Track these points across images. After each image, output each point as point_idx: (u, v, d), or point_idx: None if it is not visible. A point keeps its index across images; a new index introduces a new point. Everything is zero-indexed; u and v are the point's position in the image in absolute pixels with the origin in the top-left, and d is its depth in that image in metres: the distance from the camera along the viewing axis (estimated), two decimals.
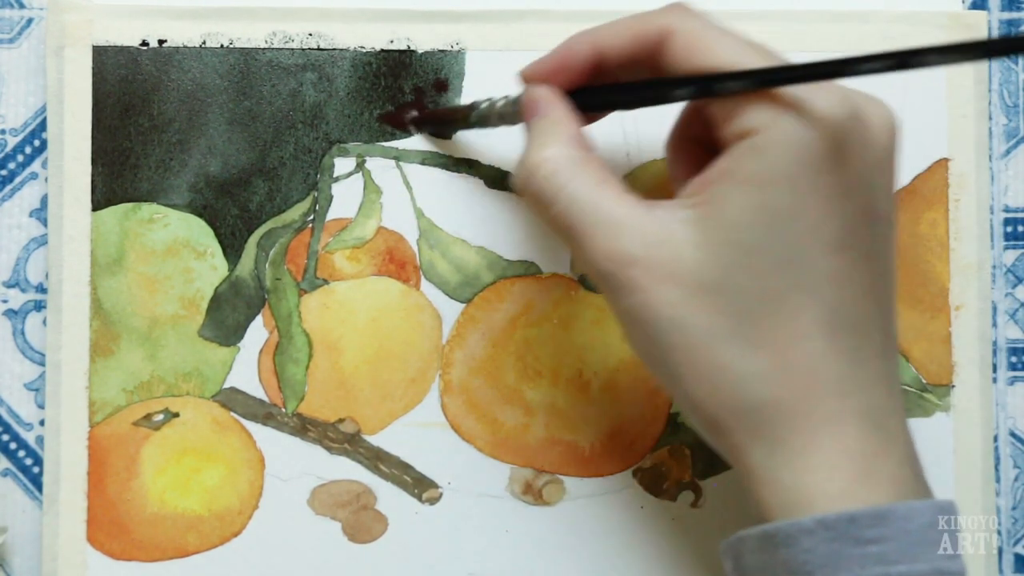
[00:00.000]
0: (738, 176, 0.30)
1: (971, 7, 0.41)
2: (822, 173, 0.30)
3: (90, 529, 0.39)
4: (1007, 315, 0.41)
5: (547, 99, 0.34)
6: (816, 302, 0.30)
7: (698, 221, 0.30)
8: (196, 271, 0.40)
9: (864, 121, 0.30)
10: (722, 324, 0.30)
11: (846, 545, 0.29)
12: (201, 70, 0.40)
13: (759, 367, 0.30)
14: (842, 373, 0.30)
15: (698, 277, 0.30)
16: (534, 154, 0.33)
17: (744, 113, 0.30)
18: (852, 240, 0.30)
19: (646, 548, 0.40)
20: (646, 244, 0.31)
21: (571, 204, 0.32)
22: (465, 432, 0.40)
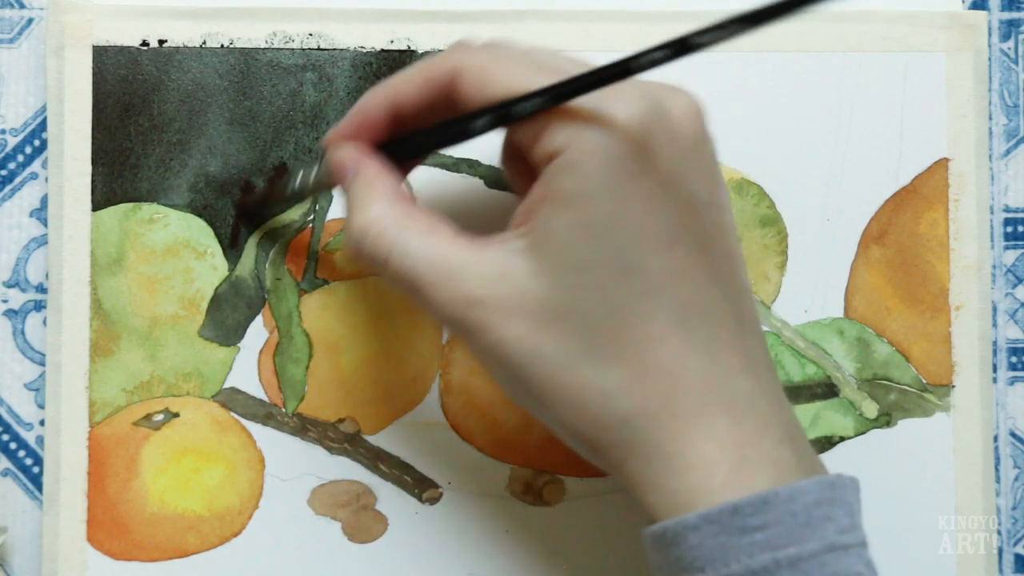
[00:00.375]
0: (555, 197, 0.30)
1: (971, 7, 0.41)
2: (634, 175, 0.30)
3: (90, 529, 0.39)
4: (1007, 315, 0.41)
5: (355, 158, 0.34)
6: (660, 303, 0.30)
7: (529, 249, 0.31)
8: (196, 271, 0.40)
9: (666, 114, 0.30)
10: (575, 346, 0.30)
11: (732, 536, 0.29)
12: (201, 70, 0.40)
13: (618, 380, 0.30)
14: (701, 366, 0.31)
15: (542, 305, 0.30)
16: (357, 218, 0.33)
17: (547, 134, 0.30)
18: (681, 234, 0.30)
19: None
20: (485, 283, 0.31)
21: (404, 259, 0.32)
22: (465, 432, 0.40)
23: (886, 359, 0.40)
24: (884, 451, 0.40)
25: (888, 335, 0.40)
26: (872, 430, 0.40)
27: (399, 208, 0.32)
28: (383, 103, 0.33)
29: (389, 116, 0.33)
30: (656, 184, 0.30)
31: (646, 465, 0.31)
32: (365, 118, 0.34)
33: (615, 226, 0.30)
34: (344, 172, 0.34)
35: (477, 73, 0.31)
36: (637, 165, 0.30)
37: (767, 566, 0.29)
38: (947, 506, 0.40)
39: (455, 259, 0.31)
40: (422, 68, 0.33)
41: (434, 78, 0.32)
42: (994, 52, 0.41)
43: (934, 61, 0.41)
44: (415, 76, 0.33)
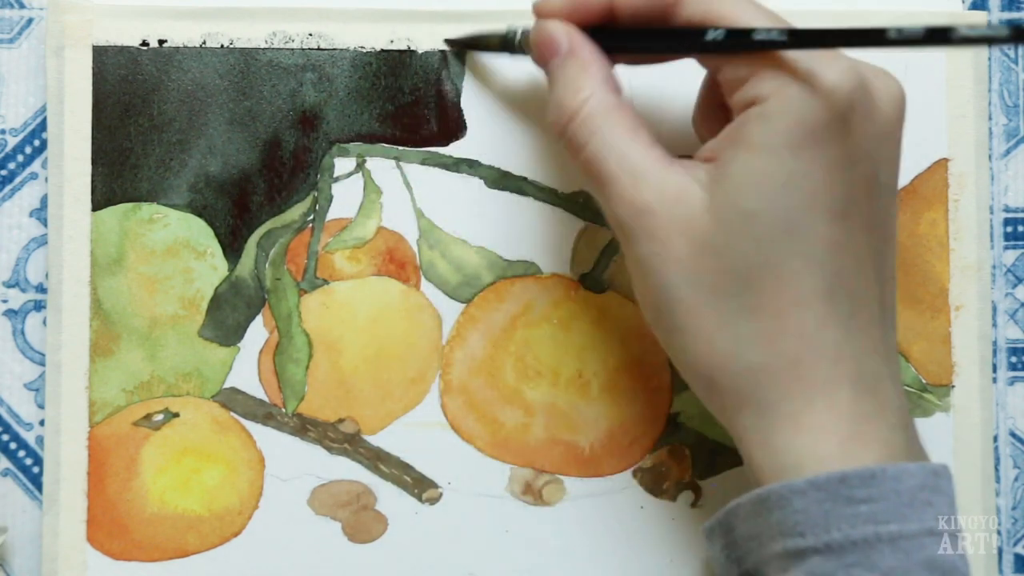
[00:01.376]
0: (744, 143, 0.31)
1: (971, 7, 0.41)
2: (826, 142, 0.30)
3: (90, 529, 0.39)
4: (1007, 315, 0.41)
5: (568, 36, 0.34)
6: (814, 269, 0.31)
7: (708, 184, 0.31)
8: (196, 271, 0.40)
9: (870, 93, 0.31)
10: (724, 285, 0.31)
11: (837, 505, 0.29)
12: (201, 70, 0.40)
13: (755, 331, 0.31)
14: (837, 339, 0.31)
15: (705, 237, 0.31)
16: (571, 97, 0.33)
17: (752, 81, 0.31)
18: (853, 209, 0.31)
19: (646, 548, 0.40)
20: (664, 198, 0.31)
21: (601, 149, 0.32)
22: (465, 432, 0.40)
23: None
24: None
25: None
26: None
27: (610, 98, 0.33)
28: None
29: (604, 8, 0.34)
30: (843, 156, 0.30)
31: (760, 418, 0.31)
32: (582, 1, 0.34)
33: (792, 186, 0.30)
34: (555, 49, 0.34)
35: (700, 4, 0.32)
36: (830, 133, 0.30)
37: (868, 538, 0.29)
38: None
39: (645, 167, 0.32)
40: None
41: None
42: (994, 52, 0.41)
43: (934, 61, 0.41)
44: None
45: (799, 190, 0.30)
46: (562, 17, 0.34)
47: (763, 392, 0.31)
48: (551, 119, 0.34)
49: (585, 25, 0.34)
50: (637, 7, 0.33)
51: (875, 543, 0.29)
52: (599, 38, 0.34)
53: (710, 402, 0.33)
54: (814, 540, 0.30)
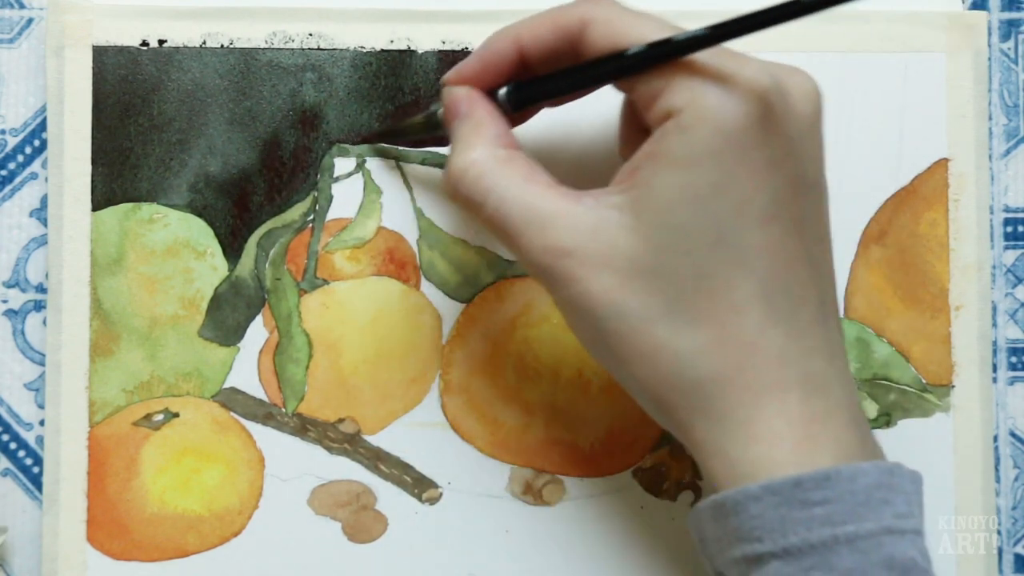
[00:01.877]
0: (664, 157, 0.30)
1: (971, 7, 0.41)
2: (747, 147, 0.30)
3: (90, 529, 0.39)
4: (1007, 315, 0.41)
5: (467, 99, 0.34)
6: (750, 275, 0.31)
7: (628, 205, 0.31)
8: (196, 271, 0.40)
9: (785, 92, 0.31)
10: (659, 305, 0.31)
11: (793, 509, 0.29)
12: (201, 70, 0.40)
13: (698, 344, 0.31)
14: (781, 342, 0.31)
15: (632, 262, 0.31)
16: (459, 158, 0.33)
17: (665, 95, 0.30)
18: (782, 211, 0.31)
19: (646, 548, 0.40)
20: (578, 234, 0.31)
21: (501, 204, 0.32)
22: (465, 432, 0.40)
23: (886, 359, 0.40)
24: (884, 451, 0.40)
25: (888, 335, 0.40)
26: (872, 430, 0.40)
27: (500, 152, 0.33)
28: (511, 46, 0.34)
29: (514, 60, 0.34)
30: (766, 159, 0.30)
31: (713, 431, 0.31)
32: (490, 58, 0.34)
33: (718, 195, 0.30)
34: (456, 112, 0.34)
35: (606, 24, 0.31)
36: (750, 138, 0.30)
37: (825, 541, 0.29)
38: (947, 506, 0.40)
39: (549, 208, 0.32)
40: (551, 14, 0.33)
41: (563, 25, 0.32)
42: (994, 52, 0.41)
43: (934, 61, 0.41)
44: (544, 21, 0.33)
45: (725, 198, 0.30)
46: (472, 80, 0.34)
47: (712, 403, 0.31)
48: (443, 182, 0.34)
49: (498, 83, 0.34)
50: (544, 45, 0.33)
51: (832, 545, 0.29)
52: (524, 91, 0.34)
53: (663, 419, 0.33)
54: (772, 545, 0.30)
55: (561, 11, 0.33)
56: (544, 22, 0.33)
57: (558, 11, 0.33)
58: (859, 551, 0.29)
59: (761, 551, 0.30)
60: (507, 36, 0.34)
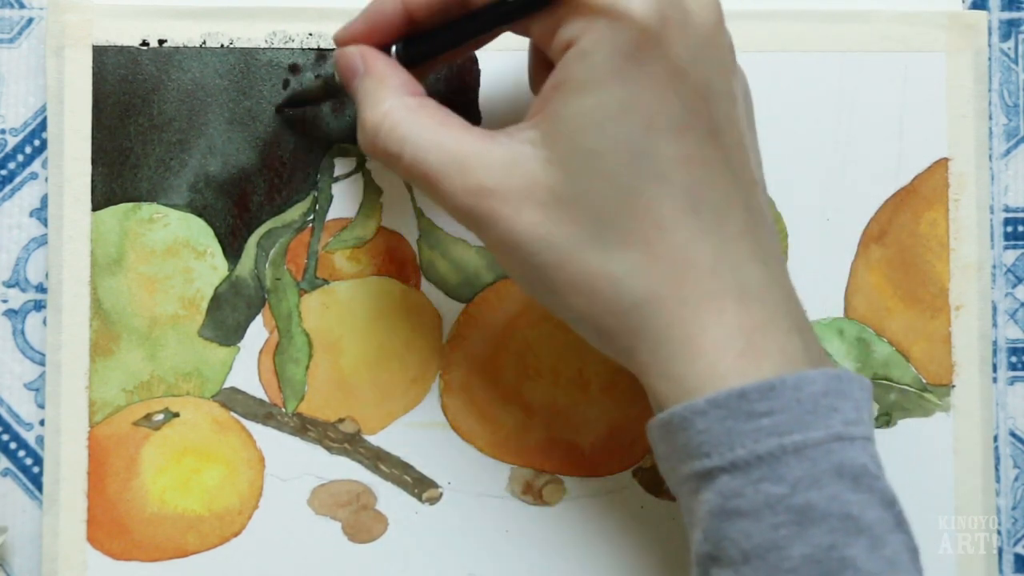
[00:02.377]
0: (569, 84, 0.30)
1: (971, 7, 0.41)
2: (646, 62, 0.30)
3: (90, 529, 0.39)
4: (1007, 315, 0.41)
5: (364, 56, 0.34)
6: (671, 189, 0.30)
7: (541, 138, 0.31)
8: (196, 271, 0.40)
9: (680, 2, 0.30)
10: (585, 233, 0.31)
11: (739, 421, 0.29)
12: (201, 70, 0.40)
13: (629, 265, 0.31)
14: (711, 253, 0.31)
15: (553, 192, 0.31)
16: (370, 113, 0.33)
17: (562, 28, 0.30)
18: (692, 120, 0.31)
19: (646, 548, 0.40)
20: (496, 172, 0.31)
21: (416, 151, 0.32)
22: (465, 432, 0.40)
23: (886, 359, 0.40)
24: (884, 451, 0.40)
25: (888, 335, 0.40)
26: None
27: (409, 101, 0.33)
28: (396, 3, 0.33)
29: (401, 16, 0.34)
30: (668, 71, 0.30)
31: (655, 351, 0.31)
32: (377, 17, 0.34)
33: (625, 112, 0.30)
34: (354, 70, 0.34)
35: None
36: (648, 52, 0.30)
37: (773, 451, 0.29)
38: (947, 506, 0.40)
39: (466, 150, 0.32)
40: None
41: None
42: (994, 52, 0.41)
43: (934, 61, 0.41)
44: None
45: (634, 115, 0.30)
46: (361, 41, 0.34)
47: (652, 323, 0.31)
48: (359, 139, 0.34)
49: (388, 41, 0.34)
50: (431, 5, 0.33)
51: (780, 455, 0.29)
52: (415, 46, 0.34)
53: (605, 347, 0.32)
54: (719, 459, 0.29)
55: None
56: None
57: None
58: (808, 459, 0.29)
59: (709, 466, 0.30)
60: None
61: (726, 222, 0.31)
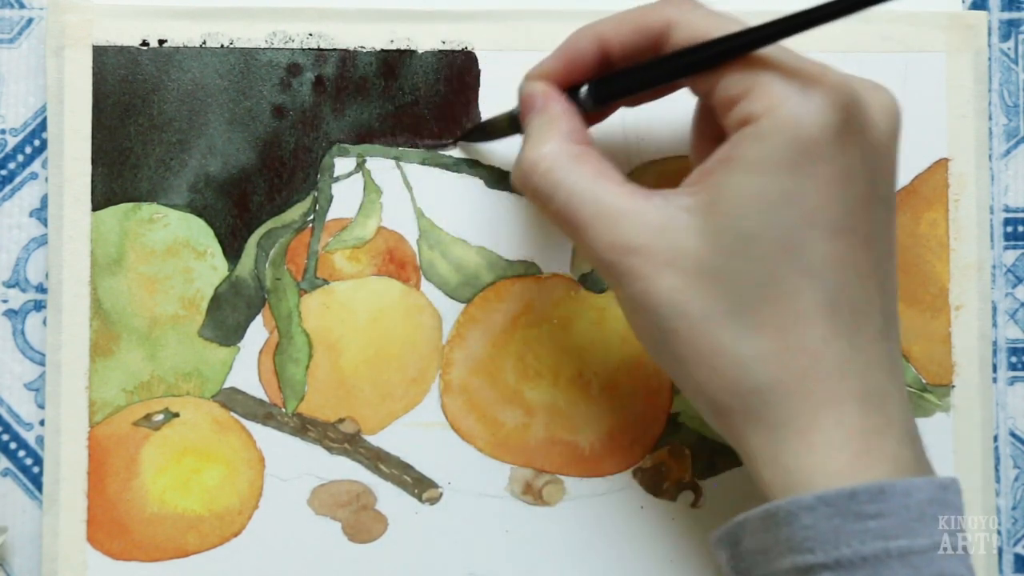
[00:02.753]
0: (738, 163, 0.30)
1: (971, 7, 0.41)
2: (822, 159, 0.30)
3: (90, 529, 0.39)
4: (1007, 315, 0.41)
5: (543, 95, 0.34)
6: (816, 286, 0.30)
7: (698, 208, 0.31)
8: (196, 271, 0.40)
9: (864, 107, 0.31)
10: (722, 308, 0.31)
11: (847, 521, 0.29)
12: (201, 70, 0.40)
13: (759, 350, 0.31)
14: (842, 355, 0.31)
15: (698, 263, 0.31)
16: (531, 151, 0.33)
17: (744, 101, 0.30)
18: (852, 224, 0.31)
19: (646, 548, 0.40)
20: (645, 232, 0.31)
21: (570, 198, 0.32)
22: (465, 432, 0.40)
23: None
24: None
25: None
26: None
27: (573, 148, 0.33)
28: (593, 43, 0.34)
29: (596, 58, 0.34)
30: (838, 173, 0.30)
31: (768, 438, 0.31)
32: (572, 55, 0.34)
33: (790, 203, 0.30)
34: (531, 106, 0.34)
35: (690, 26, 0.32)
36: (825, 150, 0.30)
37: (878, 554, 0.29)
38: None
39: (618, 205, 0.32)
40: (634, 15, 0.33)
41: (647, 25, 0.33)
42: (994, 52, 0.41)
43: (934, 61, 0.41)
44: (627, 21, 0.33)
45: (797, 208, 0.30)
46: (553, 77, 0.35)
47: (771, 411, 0.31)
48: (513, 173, 0.34)
49: (579, 80, 0.34)
50: (626, 45, 0.33)
51: (885, 559, 0.29)
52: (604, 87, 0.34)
53: (718, 424, 0.32)
54: (824, 556, 0.29)
55: (645, 12, 0.33)
56: (628, 22, 0.33)
57: (642, 11, 0.33)
58: (911, 566, 0.29)
59: (812, 562, 0.29)
60: (589, 34, 0.34)
61: (863, 326, 0.31)
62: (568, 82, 0.34)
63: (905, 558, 0.29)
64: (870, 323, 0.31)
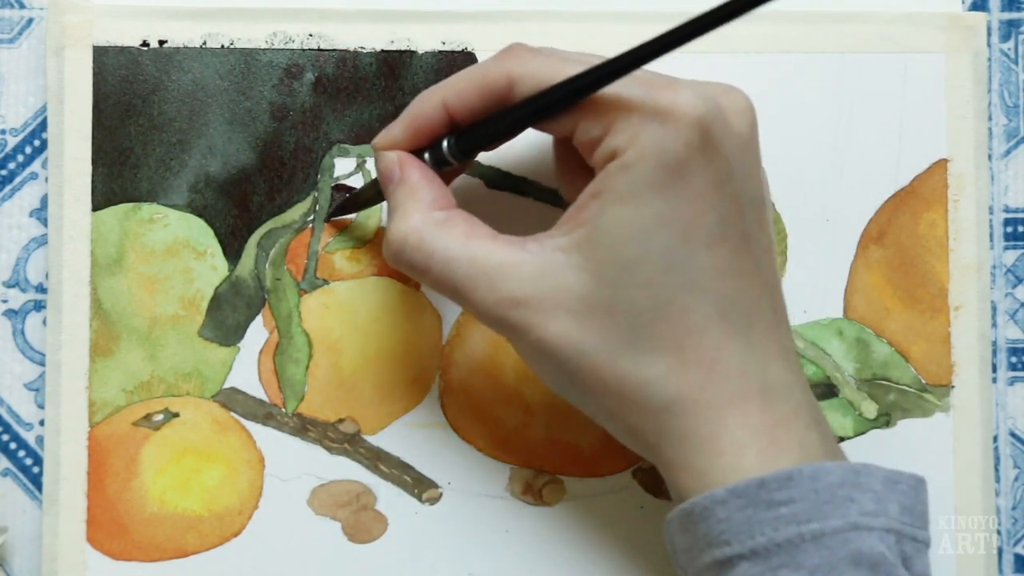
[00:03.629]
0: (609, 195, 0.31)
1: (971, 7, 0.41)
2: (689, 175, 0.30)
3: (90, 529, 0.39)
4: (1007, 315, 0.41)
5: (402, 164, 0.34)
6: (704, 297, 0.31)
7: (575, 246, 0.31)
8: (196, 271, 0.40)
9: (722, 114, 0.31)
10: (616, 339, 0.31)
11: (758, 510, 0.30)
12: (201, 70, 0.40)
13: (659, 370, 0.31)
14: (738, 356, 0.31)
15: (584, 300, 0.31)
16: (398, 227, 0.33)
17: (607, 138, 0.31)
18: (727, 231, 0.31)
19: (646, 548, 0.40)
20: (526, 282, 0.32)
21: (445, 265, 0.32)
22: (465, 432, 0.40)
23: (885, 359, 0.40)
24: (883, 451, 0.40)
25: (887, 335, 0.40)
26: (871, 430, 0.40)
27: (437, 215, 0.33)
28: (438, 108, 0.34)
29: (443, 120, 0.34)
30: (708, 184, 0.31)
31: (679, 448, 0.32)
32: (419, 121, 0.34)
33: (663, 224, 0.30)
34: (390, 177, 0.34)
35: (533, 80, 0.32)
36: (691, 167, 0.30)
37: (791, 539, 0.30)
38: (947, 506, 0.40)
39: (494, 261, 0.32)
40: (476, 74, 0.33)
41: (489, 85, 0.33)
42: (994, 52, 0.41)
43: (933, 62, 0.41)
44: (470, 82, 0.33)
45: (672, 227, 0.30)
46: (402, 145, 0.35)
47: (678, 423, 0.31)
48: (384, 251, 0.34)
49: (429, 143, 0.34)
50: (471, 108, 0.33)
51: (799, 543, 0.30)
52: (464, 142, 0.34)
53: (632, 443, 0.33)
54: (740, 547, 0.30)
55: (485, 71, 0.33)
56: (470, 86, 0.33)
57: (482, 71, 0.33)
58: (826, 547, 0.29)
59: (730, 554, 0.30)
60: (433, 100, 0.34)
61: (754, 324, 0.32)
62: (418, 146, 0.35)
63: (819, 540, 0.30)
64: (760, 320, 0.32)
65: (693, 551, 0.31)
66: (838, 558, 0.29)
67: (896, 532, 0.31)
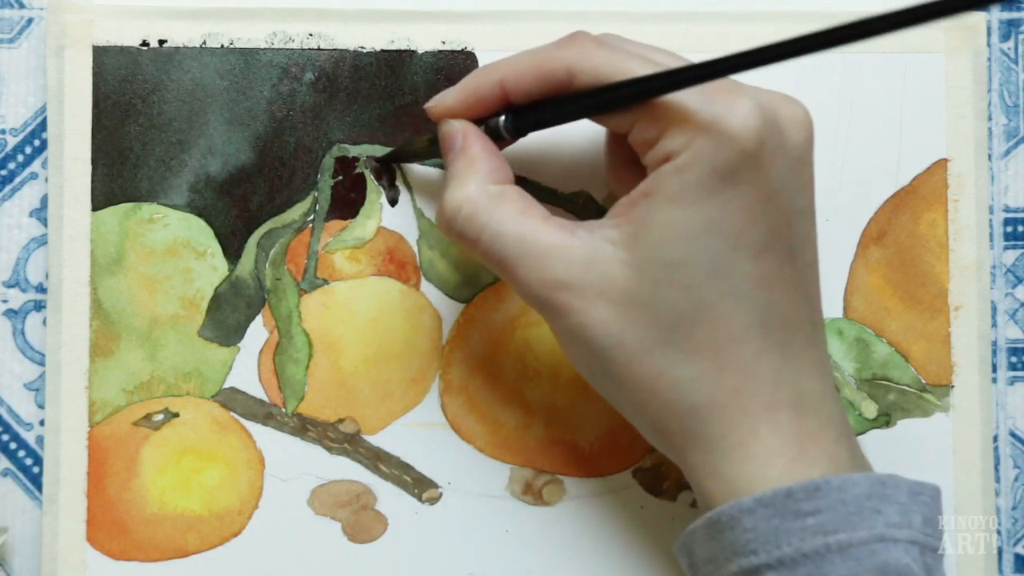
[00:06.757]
0: (660, 196, 0.31)
1: None
2: (741, 184, 0.30)
3: (90, 529, 0.39)
4: (1007, 315, 0.41)
5: (462, 134, 0.35)
6: (745, 306, 0.31)
7: (623, 241, 0.31)
8: (196, 271, 0.40)
9: (778, 124, 0.31)
10: (654, 336, 0.31)
11: (785, 520, 0.30)
12: (201, 70, 0.40)
13: (694, 372, 0.31)
14: (775, 367, 0.31)
15: (627, 294, 0.31)
16: (453, 195, 0.33)
17: (662, 141, 0.31)
18: (775, 242, 0.31)
19: (646, 548, 0.40)
20: (574, 267, 0.32)
21: (495, 239, 0.33)
22: (465, 432, 0.40)
23: (885, 359, 0.40)
24: (883, 451, 0.40)
25: (887, 335, 0.40)
26: (871, 430, 0.40)
27: (493, 189, 0.33)
28: (495, 84, 0.34)
29: (496, 97, 0.34)
30: (760, 193, 0.31)
31: (709, 453, 0.32)
32: (474, 95, 0.34)
33: (711, 229, 0.31)
34: (451, 145, 0.35)
35: (593, 72, 0.32)
36: (744, 175, 0.30)
37: (818, 550, 0.30)
38: (947, 506, 0.40)
39: (544, 242, 0.32)
40: (537, 60, 0.33)
41: (549, 72, 0.33)
42: (994, 52, 0.41)
43: (933, 62, 0.41)
44: (530, 67, 0.33)
45: (720, 233, 0.31)
46: (454, 114, 0.35)
47: (709, 427, 0.32)
48: (436, 217, 0.34)
49: (480, 118, 0.35)
50: (528, 91, 0.33)
51: (825, 554, 0.30)
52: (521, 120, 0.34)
53: (659, 442, 0.33)
54: (766, 556, 0.30)
55: (548, 57, 0.33)
56: (530, 69, 0.33)
57: (543, 57, 0.33)
58: (852, 559, 0.29)
59: (756, 563, 0.30)
60: (492, 77, 0.34)
61: (793, 337, 0.32)
62: (468, 117, 0.35)
63: (846, 551, 0.30)
64: (799, 332, 0.32)
65: (718, 560, 0.31)
66: (865, 569, 0.29)
67: (920, 544, 0.31)
